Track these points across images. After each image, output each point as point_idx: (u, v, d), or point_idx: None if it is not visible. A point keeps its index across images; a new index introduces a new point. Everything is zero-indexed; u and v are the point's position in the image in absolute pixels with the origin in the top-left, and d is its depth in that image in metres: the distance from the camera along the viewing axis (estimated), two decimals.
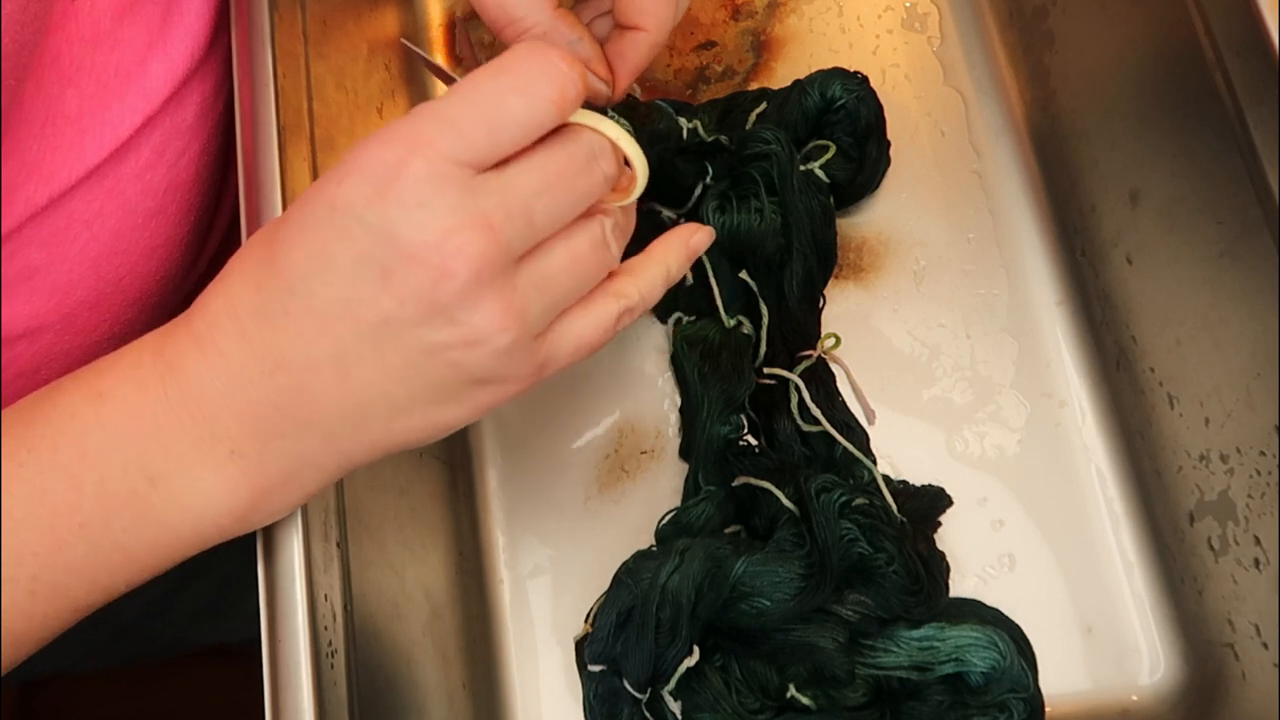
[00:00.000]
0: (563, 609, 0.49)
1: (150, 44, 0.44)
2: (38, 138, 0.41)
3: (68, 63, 0.41)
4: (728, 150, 0.52)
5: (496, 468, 0.51)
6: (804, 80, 0.52)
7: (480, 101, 0.30)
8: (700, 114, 0.53)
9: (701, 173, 0.51)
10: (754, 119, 0.52)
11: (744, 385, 0.49)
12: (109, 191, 0.44)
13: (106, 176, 0.43)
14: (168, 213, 0.47)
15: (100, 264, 0.45)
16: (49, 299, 0.44)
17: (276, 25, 0.44)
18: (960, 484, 0.49)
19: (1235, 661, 0.45)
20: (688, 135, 0.52)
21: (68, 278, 0.44)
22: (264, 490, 0.33)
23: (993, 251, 0.53)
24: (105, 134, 0.43)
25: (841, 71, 0.52)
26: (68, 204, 0.43)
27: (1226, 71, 0.41)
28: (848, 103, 0.52)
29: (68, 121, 0.42)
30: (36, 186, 0.41)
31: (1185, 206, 0.45)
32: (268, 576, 0.36)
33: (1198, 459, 0.46)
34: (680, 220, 0.52)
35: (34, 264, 0.43)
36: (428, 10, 0.61)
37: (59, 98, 0.41)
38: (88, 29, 0.42)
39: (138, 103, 0.44)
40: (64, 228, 0.43)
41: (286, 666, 0.35)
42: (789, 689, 0.44)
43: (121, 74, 0.43)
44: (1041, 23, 0.54)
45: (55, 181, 0.42)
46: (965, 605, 0.47)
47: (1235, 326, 0.43)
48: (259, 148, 0.42)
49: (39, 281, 0.44)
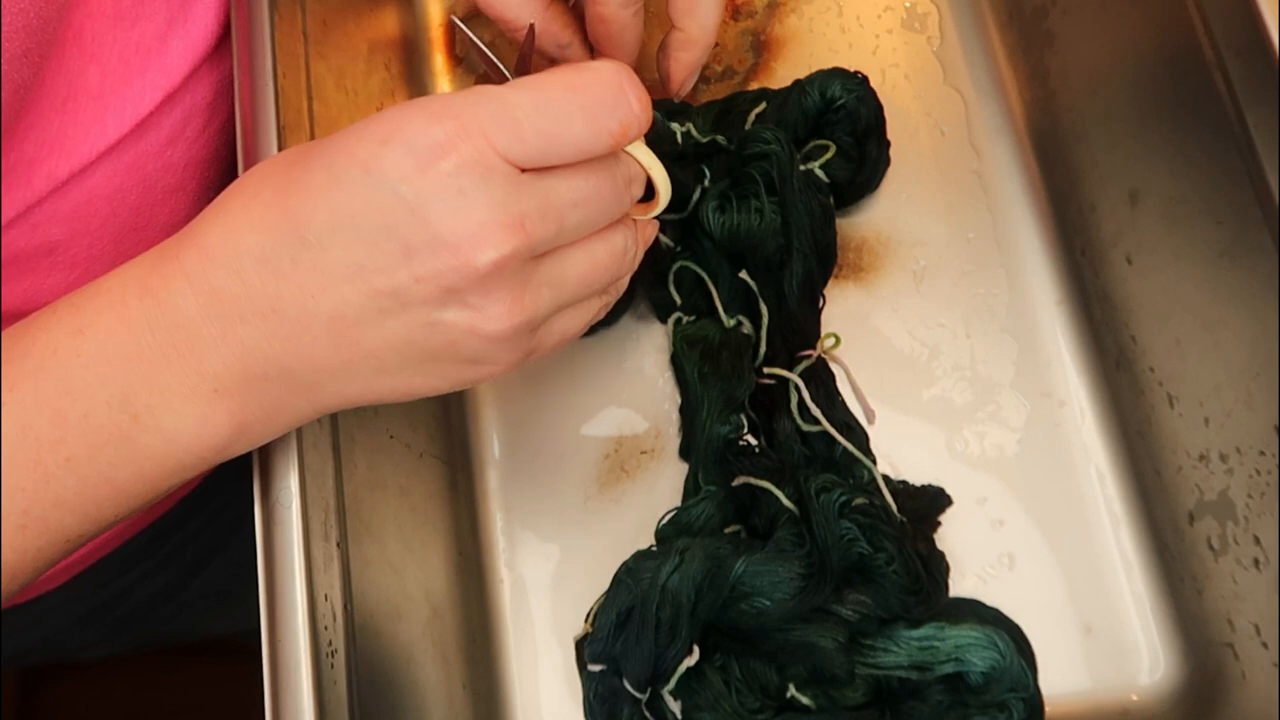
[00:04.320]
0: (563, 609, 0.49)
1: (170, 21, 0.44)
2: (59, 113, 0.41)
3: (89, 38, 0.41)
4: (725, 150, 0.52)
5: (496, 468, 0.51)
6: (804, 80, 0.52)
7: (546, 111, 0.30)
8: (693, 116, 0.53)
9: (699, 176, 0.51)
10: (753, 119, 0.52)
11: (744, 385, 0.49)
12: (129, 167, 0.44)
13: (127, 152, 0.44)
14: (187, 189, 0.47)
15: (120, 240, 0.45)
16: (69, 274, 0.45)
17: (276, 25, 0.44)
18: (960, 484, 0.49)
19: (1235, 661, 0.45)
20: (682, 140, 0.52)
21: (88, 253, 0.45)
22: (244, 426, 0.33)
23: (993, 251, 0.53)
24: (126, 110, 0.43)
25: (841, 71, 0.52)
26: (88, 179, 0.43)
27: (1226, 72, 0.41)
28: (847, 102, 0.52)
29: (89, 97, 0.42)
30: (58, 161, 0.42)
31: (1185, 206, 0.45)
32: (268, 576, 0.36)
33: (1197, 459, 0.46)
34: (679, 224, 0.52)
35: (54, 239, 0.43)
36: (427, 10, 0.61)
37: (81, 73, 0.41)
38: (109, 5, 0.42)
39: (158, 79, 0.44)
40: (85, 203, 0.43)
41: (286, 666, 0.35)
42: (789, 689, 0.44)
43: (142, 50, 0.43)
44: (1041, 23, 0.54)
45: (76, 157, 0.42)
46: (965, 605, 0.47)
47: (1235, 326, 0.43)
48: (259, 147, 0.42)
49: (59, 256, 0.44)
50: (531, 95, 0.30)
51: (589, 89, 0.30)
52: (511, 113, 0.29)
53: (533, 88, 0.30)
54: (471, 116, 0.29)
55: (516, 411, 0.52)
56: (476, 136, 0.29)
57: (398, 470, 0.46)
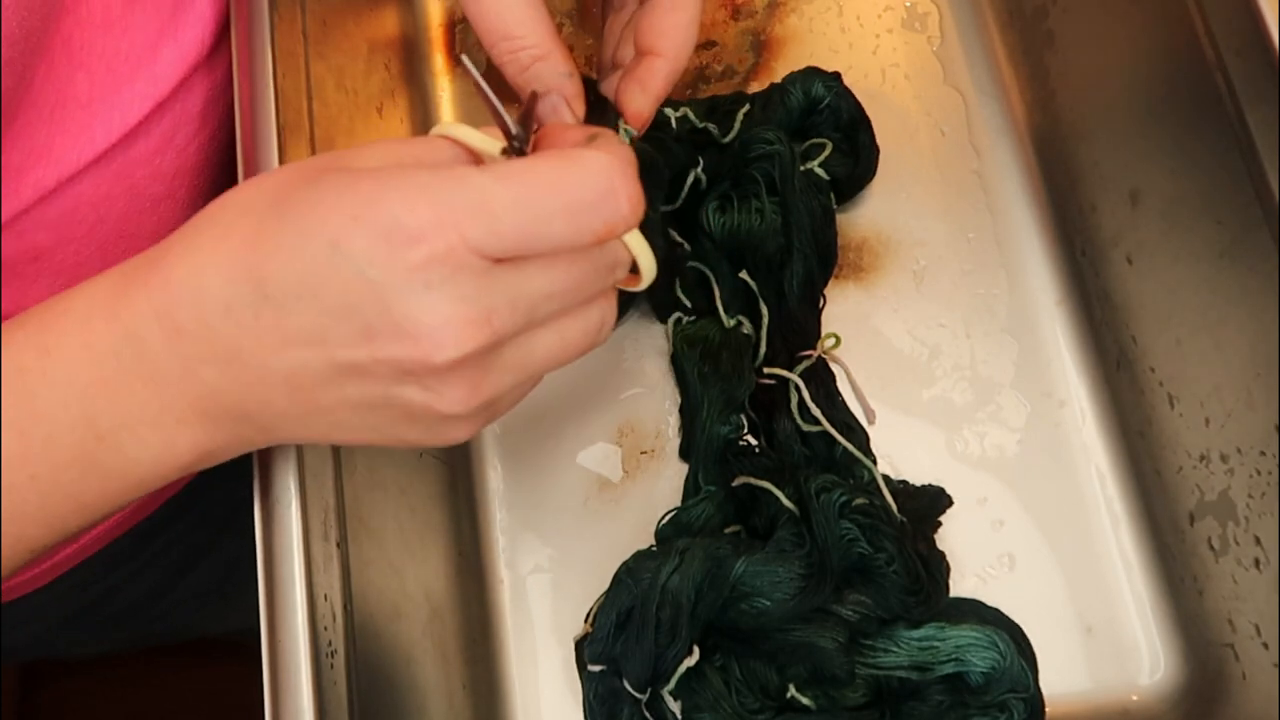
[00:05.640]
0: (563, 609, 0.49)
1: (160, 30, 0.44)
2: (47, 120, 0.41)
3: (78, 46, 0.41)
4: (716, 143, 0.52)
5: (496, 468, 0.51)
6: (783, 82, 0.53)
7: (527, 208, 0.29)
8: (688, 103, 0.53)
9: (692, 163, 0.51)
10: (740, 120, 0.52)
11: (744, 385, 0.49)
12: (117, 175, 0.44)
13: (115, 161, 0.44)
14: (175, 198, 0.47)
15: (107, 247, 0.45)
16: (55, 280, 0.45)
17: (276, 25, 0.44)
18: (960, 484, 0.49)
19: (1235, 661, 0.45)
20: (677, 124, 0.52)
21: (74, 260, 0.45)
22: (209, 452, 0.34)
23: (993, 251, 0.53)
24: (114, 118, 0.43)
25: (818, 70, 0.53)
26: (76, 187, 0.43)
27: (1226, 72, 0.41)
28: (830, 100, 0.52)
29: (78, 105, 0.42)
30: (45, 169, 0.42)
31: (1185, 206, 0.45)
32: (268, 576, 0.36)
33: (1198, 459, 0.46)
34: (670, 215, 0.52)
35: (41, 246, 0.43)
36: (427, 10, 0.61)
37: (69, 81, 0.41)
38: (99, 13, 0.42)
39: (147, 88, 0.44)
40: (71, 210, 0.43)
41: (286, 666, 0.35)
42: (789, 689, 0.44)
43: (132, 59, 0.43)
44: (1041, 23, 0.54)
45: (64, 165, 0.42)
46: (965, 605, 0.47)
47: (1235, 326, 0.43)
48: (259, 147, 0.42)
49: (45, 263, 0.44)
50: (513, 190, 0.29)
51: (575, 189, 0.29)
52: (490, 206, 0.28)
53: (516, 180, 0.29)
54: (449, 208, 0.28)
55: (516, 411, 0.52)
56: (450, 229, 0.28)
57: (398, 470, 0.46)
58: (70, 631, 0.62)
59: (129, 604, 0.62)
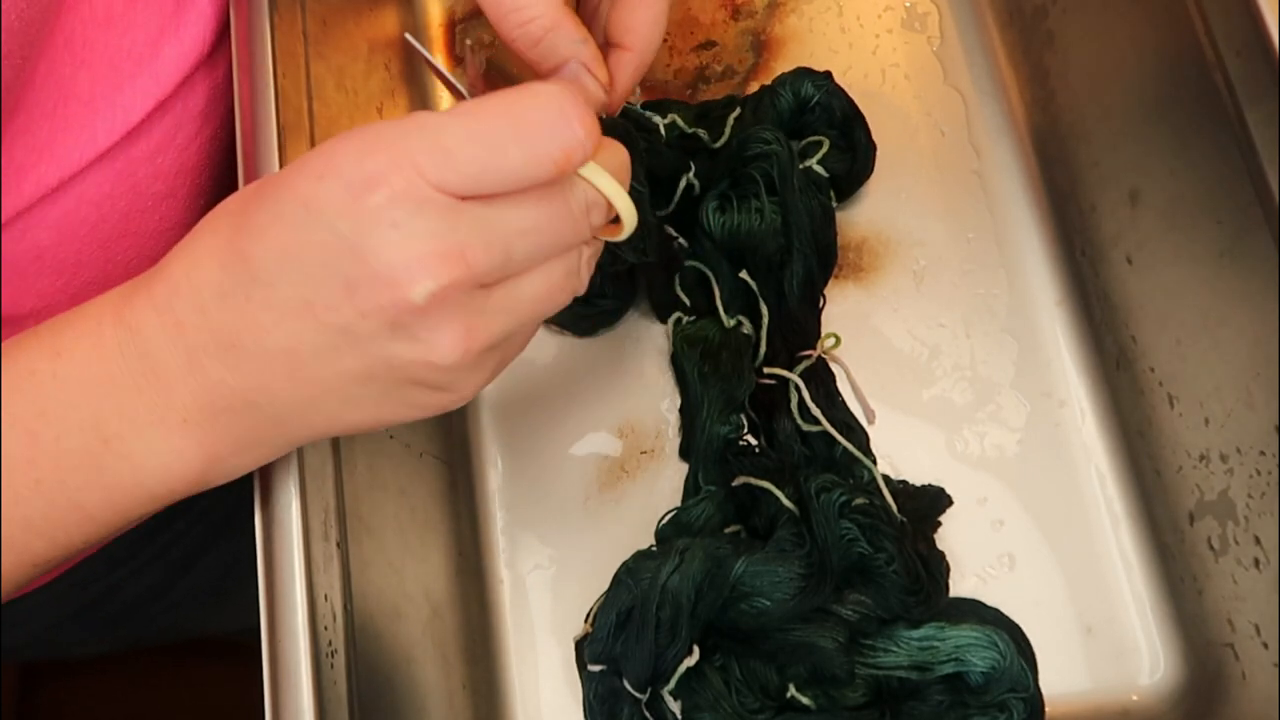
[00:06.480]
0: (563, 609, 0.49)
1: (162, 28, 0.44)
2: (49, 119, 0.41)
3: (80, 44, 0.41)
4: (707, 148, 0.52)
5: (496, 468, 0.51)
6: (773, 84, 0.53)
7: (480, 138, 0.29)
8: (677, 109, 0.53)
9: (684, 168, 0.51)
10: (731, 123, 0.52)
11: (744, 385, 0.49)
12: (119, 174, 0.44)
13: (117, 159, 0.44)
14: (177, 196, 0.47)
15: (108, 245, 0.45)
16: (56, 279, 0.45)
17: (276, 25, 0.44)
18: (960, 484, 0.49)
19: (1235, 661, 0.45)
20: (665, 131, 0.52)
21: (76, 258, 0.45)
22: (216, 457, 0.33)
23: (993, 251, 0.53)
24: (116, 116, 0.43)
25: (808, 70, 0.53)
26: (77, 185, 0.43)
27: (1226, 71, 0.41)
28: (820, 98, 0.52)
29: (79, 103, 0.42)
30: (47, 168, 0.42)
31: (1185, 206, 0.45)
32: (267, 576, 0.36)
33: (1198, 459, 0.46)
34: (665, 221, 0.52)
35: (42, 244, 0.43)
36: (427, 10, 0.61)
37: (71, 79, 0.41)
38: (100, 11, 0.42)
39: (149, 86, 0.44)
40: (73, 209, 0.43)
41: (286, 666, 0.35)
42: (789, 689, 0.44)
43: (134, 57, 0.43)
44: (1041, 23, 0.54)
45: (66, 163, 0.42)
46: (965, 605, 0.47)
47: (1235, 326, 0.43)
48: (259, 147, 0.42)
49: (47, 261, 0.44)
50: (465, 122, 0.29)
51: (526, 114, 0.29)
52: (443, 141, 0.29)
53: (468, 114, 0.29)
54: (402, 148, 0.28)
55: (516, 412, 0.52)
56: (407, 168, 0.28)
57: (398, 470, 0.46)
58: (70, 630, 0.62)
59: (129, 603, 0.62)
